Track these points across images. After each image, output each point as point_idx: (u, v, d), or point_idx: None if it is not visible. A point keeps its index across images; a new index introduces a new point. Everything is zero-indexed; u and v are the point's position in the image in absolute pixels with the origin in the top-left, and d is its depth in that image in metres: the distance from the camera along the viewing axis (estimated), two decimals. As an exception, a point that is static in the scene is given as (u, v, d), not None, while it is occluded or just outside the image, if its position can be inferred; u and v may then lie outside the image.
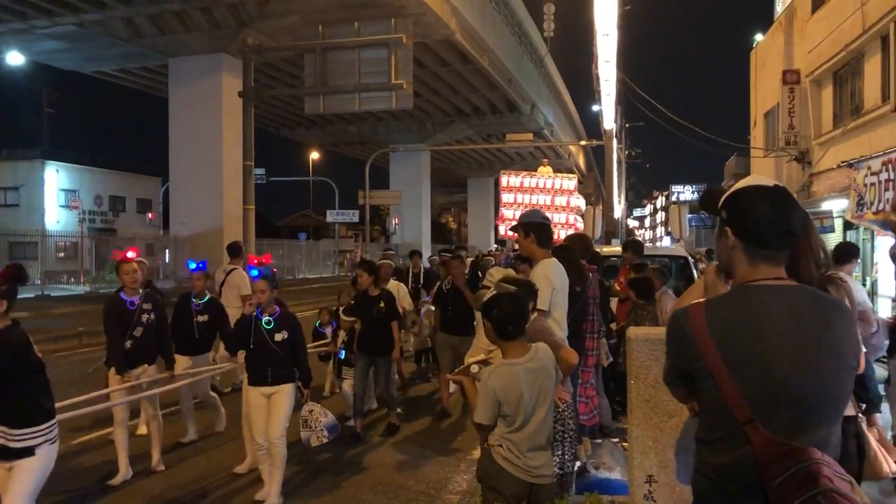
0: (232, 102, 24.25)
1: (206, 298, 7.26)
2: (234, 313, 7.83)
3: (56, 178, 39.84)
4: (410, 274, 11.57)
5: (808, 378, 1.75)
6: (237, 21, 25.45)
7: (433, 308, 9.03)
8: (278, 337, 5.37)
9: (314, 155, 53.72)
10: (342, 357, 8.00)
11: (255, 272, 5.46)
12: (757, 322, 1.78)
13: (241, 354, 5.73)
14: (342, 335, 8.03)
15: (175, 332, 6.90)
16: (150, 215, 44.80)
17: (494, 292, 3.30)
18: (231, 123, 25.68)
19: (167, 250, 31.06)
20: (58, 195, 39.59)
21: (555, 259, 4.69)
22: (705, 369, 1.80)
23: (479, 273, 9.89)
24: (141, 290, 6.11)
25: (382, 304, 7.31)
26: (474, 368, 3.41)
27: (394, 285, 8.64)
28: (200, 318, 7.12)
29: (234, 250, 9.68)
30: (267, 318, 5.43)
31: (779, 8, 22.05)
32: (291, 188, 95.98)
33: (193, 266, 7.12)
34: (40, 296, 23.16)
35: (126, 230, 38.64)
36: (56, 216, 38.51)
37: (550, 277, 4.47)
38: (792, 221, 1.84)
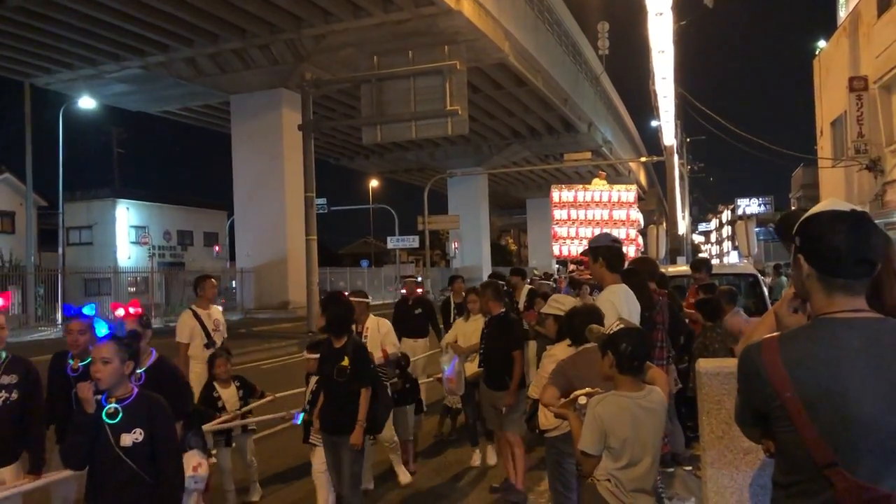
0: (292, 135, 24.80)
1: (90, 360, 4.16)
2: (199, 371, 6.51)
3: (126, 216, 41.24)
4: (453, 304, 9.46)
5: (894, 419, 1.63)
6: (294, 56, 26.05)
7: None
8: (127, 439, 3.16)
9: (373, 183, 54.41)
10: (297, 421, 5.63)
11: (103, 329, 3.41)
12: (835, 359, 1.67)
13: None
14: (312, 382, 5.44)
15: (52, 410, 4.48)
16: (216, 248, 45.91)
17: (620, 325, 3.25)
18: (292, 156, 26.27)
19: (234, 282, 31.77)
20: (128, 232, 40.95)
21: (624, 285, 4.59)
22: (781, 409, 1.70)
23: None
24: (3, 355, 4.09)
25: (346, 362, 4.75)
26: (582, 400, 3.29)
27: (373, 322, 6.56)
28: None
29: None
30: (113, 405, 3.21)
31: (842, 13, 21.45)
32: (352, 216, 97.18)
33: (91, 312, 4.47)
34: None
35: (194, 264, 39.71)
36: (127, 252, 39.80)
37: (616, 304, 4.37)
38: (871, 249, 1.70)
